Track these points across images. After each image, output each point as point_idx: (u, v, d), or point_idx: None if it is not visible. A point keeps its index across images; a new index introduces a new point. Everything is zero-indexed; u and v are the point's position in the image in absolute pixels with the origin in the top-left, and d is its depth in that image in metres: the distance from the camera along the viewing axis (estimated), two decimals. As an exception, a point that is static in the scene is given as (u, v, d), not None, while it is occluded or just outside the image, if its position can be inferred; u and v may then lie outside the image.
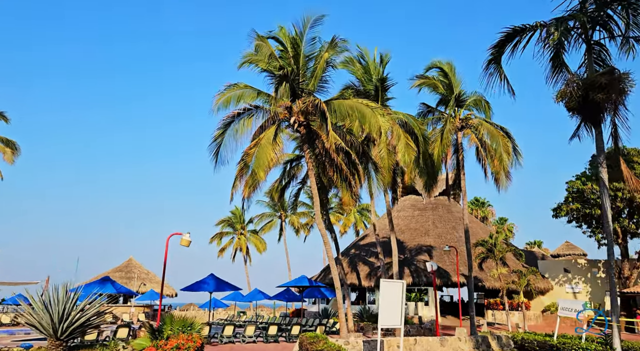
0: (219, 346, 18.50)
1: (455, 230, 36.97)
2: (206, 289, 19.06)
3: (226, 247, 58.84)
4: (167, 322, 11.35)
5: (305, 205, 61.74)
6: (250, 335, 19.73)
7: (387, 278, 27.91)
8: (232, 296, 37.26)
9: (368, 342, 14.71)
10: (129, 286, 42.06)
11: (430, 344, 16.41)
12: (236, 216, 59.83)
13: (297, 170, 25.54)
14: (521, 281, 25.44)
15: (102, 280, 16.96)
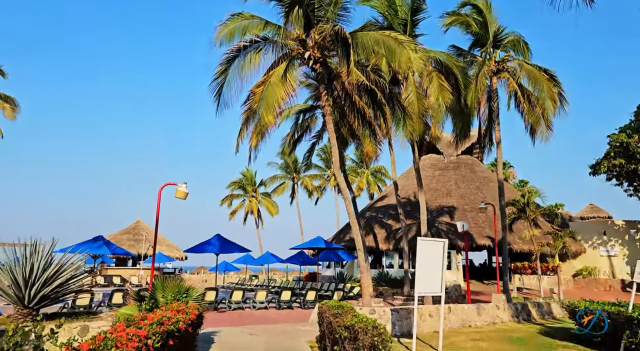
0: (227, 312, 16.73)
1: (480, 190, 34.57)
2: (212, 250, 17.15)
3: (237, 209, 57.31)
4: (158, 288, 9.33)
5: (317, 167, 59.63)
6: (261, 300, 17.92)
7: (408, 241, 25.84)
8: (243, 259, 35.71)
9: (396, 311, 12.67)
10: (136, 248, 40.79)
11: (465, 312, 14.37)
12: (247, 178, 57.99)
13: (311, 122, 23.11)
14: (557, 244, 23.19)
15: (95, 239, 15.09)
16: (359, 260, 14.60)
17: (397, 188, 26.09)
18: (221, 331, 11.67)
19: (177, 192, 10.76)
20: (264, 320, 14.62)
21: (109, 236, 43.03)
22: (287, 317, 15.58)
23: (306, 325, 13.39)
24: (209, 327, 12.20)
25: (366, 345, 5.94)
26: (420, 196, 17.10)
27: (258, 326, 12.92)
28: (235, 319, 14.66)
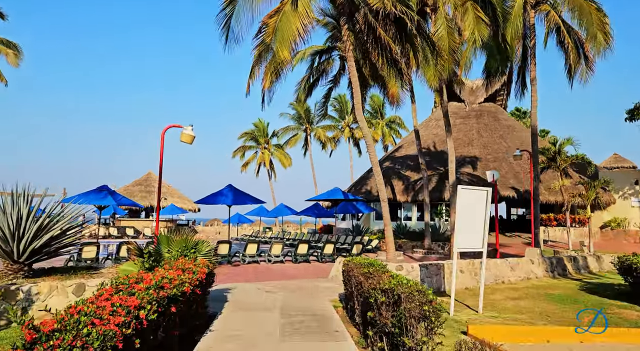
0: (242, 266, 15.89)
1: (503, 139, 32.83)
2: (224, 202, 16.09)
3: (249, 161, 56.38)
4: (162, 242, 8.25)
5: (331, 118, 57.82)
6: (277, 254, 17.04)
7: (428, 193, 24.61)
8: (256, 211, 35.00)
9: (426, 267, 11.58)
10: (148, 200, 40.31)
11: (499, 268, 13.27)
12: (259, 129, 56.62)
13: (328, 65, 21.37)
14: (589, 194, 21.75)
15: (99, 190, 14.05)
16: (383, 212, 13.43)
17: (418, 136, 24.56)
18: (235, 288, 10.73)
19: (183, 135, 9.49)
20: (281, 275, 13.71)
21: (121, 188, 42.54)
22: (304, 272, 14.67)
23: (326, 280, 12.43)
24: (222, 284, 11.27)
25: (414, 315, 4.77)
26: (448, 142, 15.63)
27: (274, 282, 11.98)
28: (250, 274, 13.77)
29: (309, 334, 6.64)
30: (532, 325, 7.77)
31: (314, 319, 7.59)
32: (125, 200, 14.53)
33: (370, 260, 8.19)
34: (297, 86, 22.19)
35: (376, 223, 33.44)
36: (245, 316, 7.67)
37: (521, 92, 19.88)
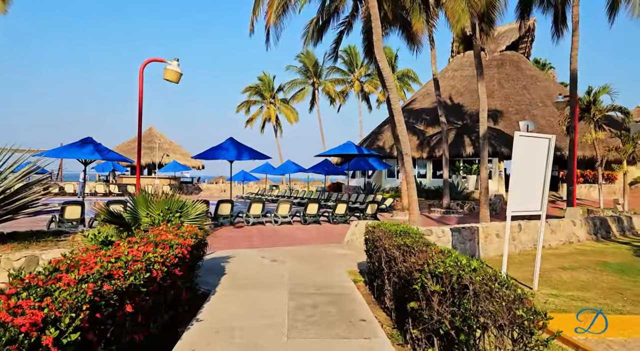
0: (245, 228, 14.35)
1: (527, 90, 30.44)
2: (225, 156, 14.36)
3: (255, 116, 54.31)
4: (140, 204, 6.56)
5: (340, 70, 55.09)
6: (284, 214, 15.45)
7: (446, 147, 22.70)
8: (262, 168, 33.37)
9: (458, 231, 9.90)
10: (150, 157, 38.76)
11: (538, 231, 11.56)
12: (264, 83, 54.17)
13: (340, 3, 18.99)
14: (626, 148, 19.75)
15: (83, 142, 12.29)
16: (406, 167, 11.63)
17: (437, 85, 22.36)
18: (235, 255, 9.15)
19: (167, 72, 7.61)
20: (289, 239, 12.13)
21: (121, 145, 40.91)
22: (315, 235, 13.09)
23: (340, 246, 10.83)
24: (220, 250, 9.70)
25: (498, 321, 3.05)
26: (480, 87, 13.55)
27: (281, 248, 10.39)
28: (254, 237, 12.20)
29: (327, 326, 5.01)
30: (615, 309, 6.09)
31: (331, 301, 5.97)
32: (113, 154, 12.82)
33: (403, 227, 6.47)
34: (306, 30, 19.91)
35: (388, 181, 31.77)
36: (243, 298, 6.06)
37: (560, 32, 17.50)
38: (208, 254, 9.06)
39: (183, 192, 37.35)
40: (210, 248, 10.03)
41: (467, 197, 24.00)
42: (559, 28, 17.66)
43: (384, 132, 32.27)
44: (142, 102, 7.74)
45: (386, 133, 31.93)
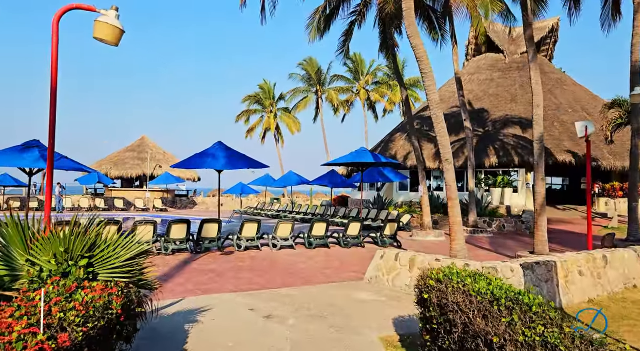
0: (235, 254, 11.45)
1: (553, 94, 27.66)
2: (211, 165, 11.53)
3: (255, 126, 51.64)
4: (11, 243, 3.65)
5: (344, 79, 52.63)
6: (284, 236, 12.56)
7: (472, 156, 19.83)
8: (262, 180, 30.54)
9: (530, 268, 6.97)
10: (142, 168, 36.01)
11: (626, 264, 8.62)
12: (265, 91, 51.62)
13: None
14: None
15: (26, 146, 9.46)
16: (446, 179, 8.76)
17: (460, 86, 19.59)
18: (211, 306, 6.26)
19: (98, 27, 4.83)
20: (290, 273, 9.22)
21: (111, 155, 38.20)
22: (324, 265, 10.17)
23: (361, 286, 7.91)
24: (192, 296, 6.79)
25: None
26: (533, 75, 10.57)
27: (280, 291, 7.49)
28: (245, 270, 9.29)
29: None
30: None
31: None
32: (67, 162, 9.98)
33: (499, 287, 3.57)
34: (311, 19, 17.23)
35: (400, 194, 28.88)
36: None
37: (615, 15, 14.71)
38: (172, 305, 6.17)
39: (177, 206, 34.49)
40: (180, 290, 7.12)
41: (494, 213, 21.07)
42: (614, 13, 14.88)
43: (396, 141, 29.49)
44: (56, 64, 4.93)
45: (399, 142, 29.13)
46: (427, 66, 8.73)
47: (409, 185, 28.69)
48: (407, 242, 15.22)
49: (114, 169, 35.88)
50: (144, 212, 29.97)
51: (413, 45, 8.68)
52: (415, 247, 14.13)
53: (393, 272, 7.69)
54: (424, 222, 16.76)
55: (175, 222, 11.25)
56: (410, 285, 7.30)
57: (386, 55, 18.29)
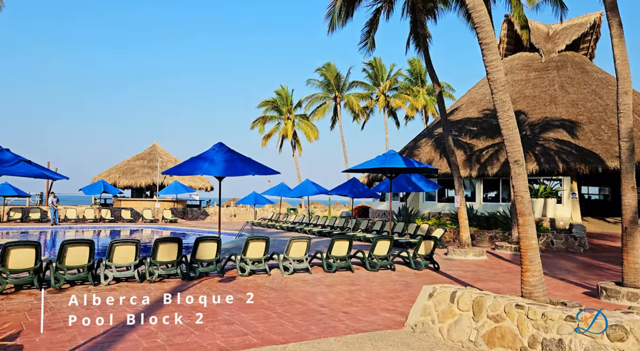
0: (238, 280, 9.30)
1: (598, 95, 25.00)
2: (208, 171, 9.44)
3: (271, 133, 49.74)
4: None
5: (363, 84, 50.55)
6: (298, 257, 10.36)
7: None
8: (277, 189, 28.45)
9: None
10: (152, 176, 34.32)
11: None
12: (282, 97, 49.80)
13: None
14: None
15: None
16: (516, 186, 6.46)
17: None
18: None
19: None
20: (302, 313, 7.00)
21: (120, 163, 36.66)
22: (347, 298, 7.91)
23: (403, 338, 5.60)
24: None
25: None
26: (617, 49, 8.17)
27: (289, 346, 5.25)
28: (242, 311, 7.11)
29: None
30: None
31: None
32: (24, 167, 7.99)
33: None
34: (331, 7, 15.14)
35: (426, 205, 26.43)
36: None
37: None
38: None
39: (187, 217, 32.63)
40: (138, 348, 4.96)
41: (537, 227, 18.50)
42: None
43: (421, 147, 27.12)
44: None
45: (424, 148, 26.76)
46: (488, 34, 6.51)
47: (437, 195, 26.23)
48: (443, 262, 12.86)
49: (123, 178, 34.28)
50: (152, 224, 28.15)
51: (470, 7, 6.48)
52: (454, 268, 11.76)
53: (449, 318, 5.41)
54: (462, 237, 14.36)
55: (163, 240, 9.14)
56: (477, 341, 5.01)
57: (417, 47, 16.07)
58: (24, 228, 24.02)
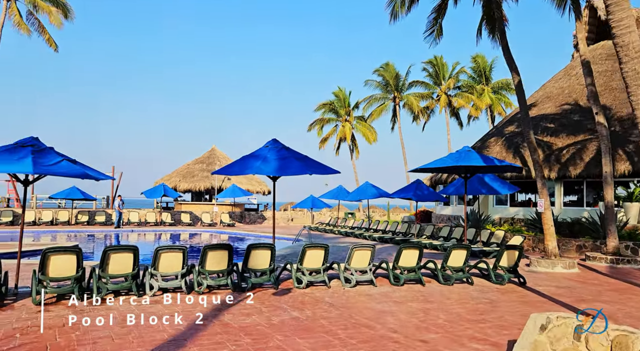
0: (293, 293, 8.26)
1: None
2: (260, 170, 8.51)
3: (328, 136, 48.94)
4: None
5: (423, 84, 48.55)
6: (361, 268, 9.18)
7: (609, 159, 15.14)
8: (334, 192, 27.37)
9: None
10: (210, 180, 34.39)
11: None
12: (340, 99, 48.90)
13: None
14: None
15: (18, 146, 7.06)
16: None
17: (589, 70, 15.17)
18: None
19: None
20: (367, 340, 5.80)
21: (183, 166, 37.14)
22: (422, 321, 6.62)
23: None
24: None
25: None
26: None
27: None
28: (297, 334, 6.03)
29: None
30: None
31: None
32: (66, 167, 7.45)
33: None
34: None
35: (497, 210, 24.32)
36: None
37: None
38: None
39: (245, 221, 32.35)
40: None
41: (634, 236, 16.13)
42: None
43: (490, 147, 25.04)
44: None
45: (494, 148, 24.68)
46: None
47: (508, 199, 24.06)
48: (527, 274, 11.14)
49: (183, 182, 34.64)
50: (210, 228, 28.03)
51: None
52: (543, 283, 10.07)
53: (570, 363, 4.00)
54: (547, 246, 12.54)
55: (212, 247, 8.28)
56: (621, 399, 3.58)
57: (490, 33, 14.43)
58: (88, 230, 24.53)
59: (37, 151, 7.44)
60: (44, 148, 7.61)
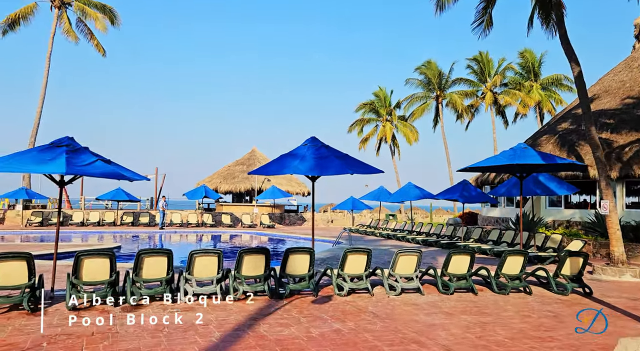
0: (335, 301, 7.70)
1: None
2: (298, 170, 8.02)
3: (369, 136, 48.08)
4: None
5: (468, 82, 46.84)
6: (407, 274, 8.51)
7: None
8: (376, 193, 26.60)
9: None
10: (250, 181, 34.40)
11: None
12: (380, 99, 47.99)
13: None
14: None
15: (53, 146, 6.88)
16: None
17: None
18: None
19: None
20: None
21: (223, 168, 37.39)
22: (478, 337, 5.90)
23: None
24: None
25: None
26: None
27: None
28: (343, 348, 5.46)
29: None
30: None
31: None
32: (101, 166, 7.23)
33: None
34: None
35: (550, 212, 22.86)
36: None
37: None
38: None
39: (285, 222, 32.11)
40: None
41: None
42: None
43: (542, 145, 23.58)
44: None
45: (546, 146, 23.21)
46: None
47: (563, 200, 22.57)
48: (591, 283, 10.09)
49: (224, 183, 34.84)
50: (250, 229, 27.93)
51: None
52: (612, 294, 9.06)
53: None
54: (614, 252, 11.42)
55: (249, 251, 7.84)
56: None
57: (543, 22, 13.37)
58: (132, 231, 24.93)
59: (72, 151, 7.25)
60: (79, 148, 7.42)
